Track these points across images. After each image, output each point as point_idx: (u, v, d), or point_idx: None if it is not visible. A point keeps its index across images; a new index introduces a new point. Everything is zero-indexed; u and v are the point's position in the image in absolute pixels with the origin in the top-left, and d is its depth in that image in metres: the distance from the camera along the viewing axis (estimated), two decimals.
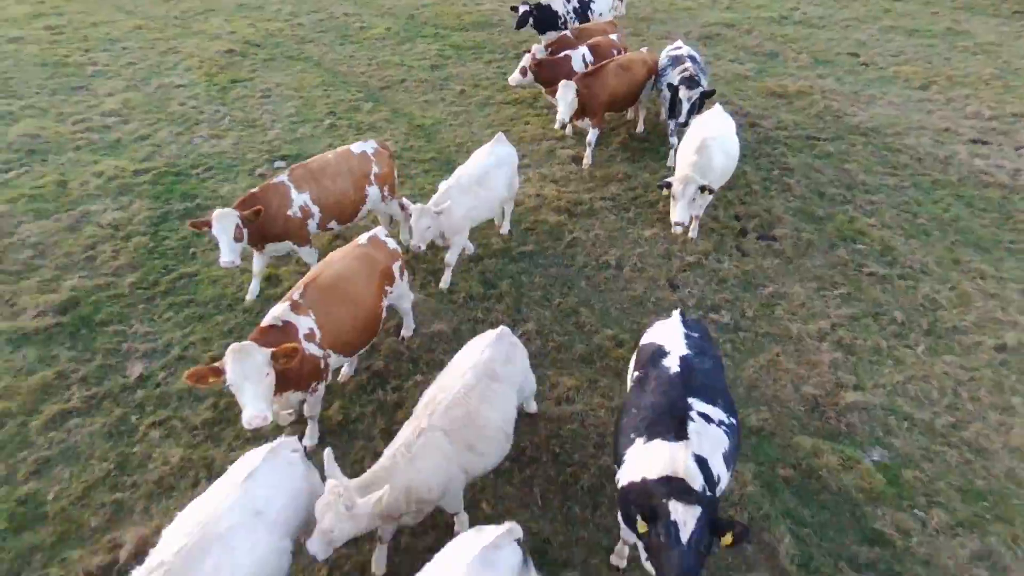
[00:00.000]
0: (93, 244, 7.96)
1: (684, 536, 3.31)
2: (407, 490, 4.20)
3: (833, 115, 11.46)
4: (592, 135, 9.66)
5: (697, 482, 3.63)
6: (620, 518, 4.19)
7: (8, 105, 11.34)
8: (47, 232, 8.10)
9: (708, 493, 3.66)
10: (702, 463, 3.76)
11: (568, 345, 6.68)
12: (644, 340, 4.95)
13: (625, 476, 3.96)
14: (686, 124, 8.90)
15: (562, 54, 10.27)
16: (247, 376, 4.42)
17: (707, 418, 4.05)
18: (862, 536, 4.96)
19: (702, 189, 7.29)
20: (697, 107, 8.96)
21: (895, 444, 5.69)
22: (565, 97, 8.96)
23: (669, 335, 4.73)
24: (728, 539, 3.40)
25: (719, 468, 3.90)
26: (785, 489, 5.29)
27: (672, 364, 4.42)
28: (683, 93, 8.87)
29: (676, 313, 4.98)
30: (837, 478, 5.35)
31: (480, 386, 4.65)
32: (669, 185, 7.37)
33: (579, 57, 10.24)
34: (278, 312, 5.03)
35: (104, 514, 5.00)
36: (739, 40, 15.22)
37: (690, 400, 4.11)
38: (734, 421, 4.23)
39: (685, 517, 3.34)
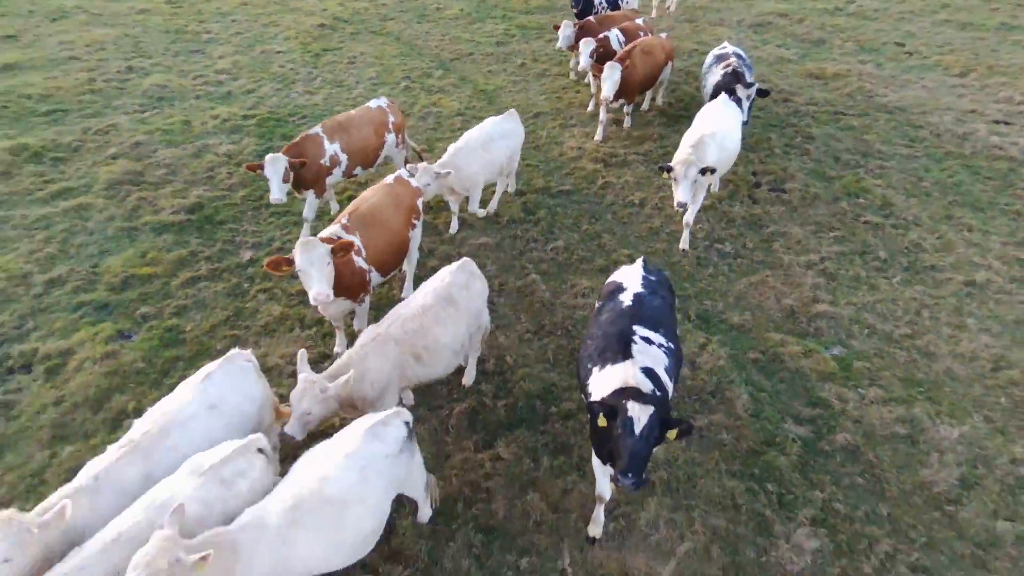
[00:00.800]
0: (212, 167, 9.83)
1: (638, 429, 3.91)
2: (361, 380, 4.94)
3: (864, 95, 12.28)
4: (628, 108, 10.92)
5: (647, 387, 4.25)
6: (593, 447, 4.70)
7: (141, 62, 13.52)
8: (177, 157, 10.03)
9: (659, 394, 4.28)
10: (649, 372, 4.40)
11: (590, 259, 8.03)
12: (609, 279, 5.67)
13: (591, 400, 4.50)
14: (746, 123, 9.10)
15: (601, 35, 11.43)
16: (312, 263, 5.34)
17: (648, 340, 4.69)
18: (808, 401, 6.13)
19: (703, 171, 7.39)
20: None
21: (854, 344, 6.79)
22: (612, 77, 9.85)
23: (630, 276, 5.40)
24: (673, 434, 3.99)
25: (664, 377, 4.50)
26: (751, 366, 6.50)
27: (626, 299, 5.09)
28: (741, 92, 9.10)
29: (640, 259, 5.64)
30: (796, 362, 6.52)
31: (436, 307, 5.35)
32: (670, 168, 7.47)
33: (614, 38, 11.41)
34: (333, 230, 5.98)
35: (226, 343, 6.70)
36: (789, 28, 16.05)
37: (634, 327, 4.75)
38: (673, 346, 4.82)
39: (640, 414, 3.94)
